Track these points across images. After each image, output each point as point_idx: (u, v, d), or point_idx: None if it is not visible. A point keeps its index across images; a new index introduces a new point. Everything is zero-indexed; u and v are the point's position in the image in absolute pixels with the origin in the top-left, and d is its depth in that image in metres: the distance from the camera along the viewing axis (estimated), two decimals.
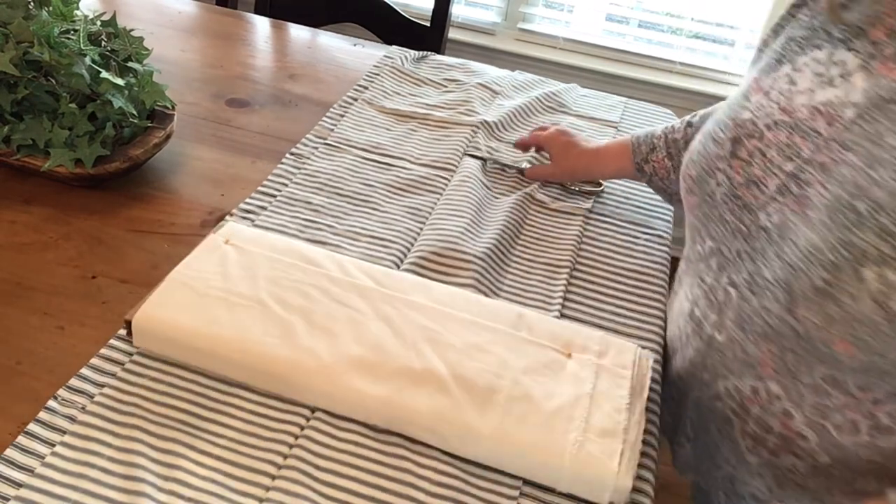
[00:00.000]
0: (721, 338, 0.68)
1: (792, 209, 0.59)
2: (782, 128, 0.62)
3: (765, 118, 0.64)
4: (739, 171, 0.65)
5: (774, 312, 0.60)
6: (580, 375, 0.69)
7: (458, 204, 0.93)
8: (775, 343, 0.62)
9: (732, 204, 0.65)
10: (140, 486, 0.58)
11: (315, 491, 0.60)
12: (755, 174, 0.63)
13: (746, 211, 0.64)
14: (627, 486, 0.61)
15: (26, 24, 0.85)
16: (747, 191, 0.64)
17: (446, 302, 0.75)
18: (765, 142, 0.63)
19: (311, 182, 0.95)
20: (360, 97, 1.14)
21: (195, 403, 0.66)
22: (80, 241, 0.83)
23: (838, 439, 0.62)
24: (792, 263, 0.57)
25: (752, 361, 0.65)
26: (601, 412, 0.66)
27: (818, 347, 0.57)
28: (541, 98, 1.18)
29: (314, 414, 0.66)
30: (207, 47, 1.26)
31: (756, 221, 0.63)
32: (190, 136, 1.02)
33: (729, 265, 0.66)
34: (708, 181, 0.68)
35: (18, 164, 0.86)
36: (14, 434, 0.62)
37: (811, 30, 0.64)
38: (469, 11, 2.05)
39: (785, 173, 0.61)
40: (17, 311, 0.73)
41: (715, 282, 0.68)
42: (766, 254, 0.61)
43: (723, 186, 0.66)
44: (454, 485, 0.62)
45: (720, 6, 1.87)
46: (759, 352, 0.64)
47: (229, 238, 0.78)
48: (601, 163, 0.95)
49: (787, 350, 0.61)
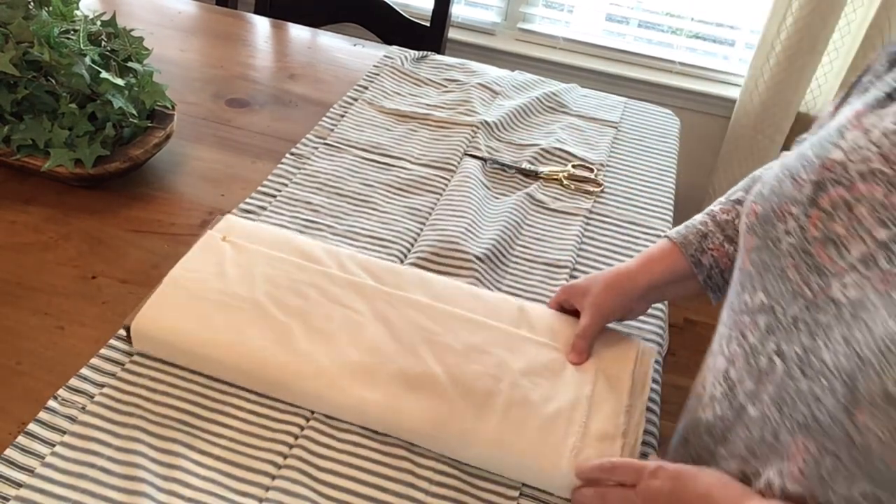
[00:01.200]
0: (753, 412, 0.57)
1: (875, 287, 0.48)
2: (880, 181, 0.50)
3: (859, 164, 0.51)
4: (817, 223, 0.53)
5: (827, 407, 0.48)
6: (580, 377, 0.68)
7: (459, 204, 0.93)
8: (816, 441, 0.50)
9: (800, 260, 0.53)
10: (140, 486, 0.58)
11: (315, 491, 0.60)
12: (836, 232, 0.51)
13: (816, 273, 0.52)
14: None
15: (26, 24, 0.85)
16: (822, 250, 0.52)
17: (446, 297, 0.74)
18: (854, 193, 0.51)
19: (311, 182, 0.95)
20: (360, 97, 1.14)
21: (195, 403, 0.66)
22: (80, 241, 0.83)
23: None
24: (861, 354, 0.46)
25: (781, 452, 0.53)
26: (600, 415, 0.65)
27: (873, 463, 0.46)
28: (541, 98, 1.18)
29: (314, 414, 0.66)
30: (207, 47, 1.26)
31: (826, 290, 0.51)
32: (190, 136, 1.02)
33: (780, 330, 0.55)
34: (776, 224, 0.56)
35: (18, 164, 0.86)
36: (14, 434, 0.62)
37: None
38: (469, 11, 2.05)
39: (875, 240, 0.49)
40: (17, 311, 0.73)
41: (759, 344, 0.57)
42: (830, 332, 0.50)
43: (793, 236, 0.54)
44: (454, 485, 0.62)
45: (720, 6, 1.87)
46: (793, 443, 0.52)
47: (227, 234, 0.78)
48: (643, 274, 0.74)
49: (829, 454, 0.49)
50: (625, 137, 1.14)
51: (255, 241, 0.78)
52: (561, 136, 1.10)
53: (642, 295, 0.74)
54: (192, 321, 0.69)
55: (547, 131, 1.11)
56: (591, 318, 0.72)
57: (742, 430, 0.58)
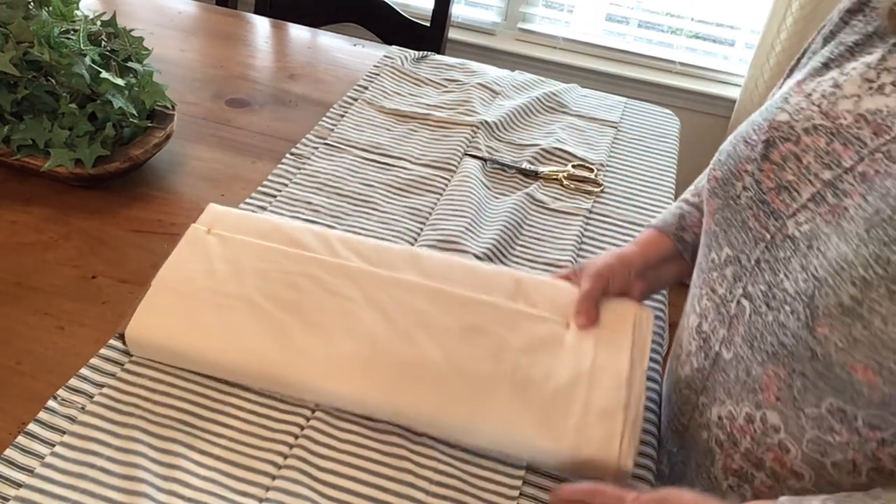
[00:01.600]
0: (727, 355, 0.63)
1: (825, 219, 0.55)
2: (822, 133, 0.58)
3: (803, 122, 0.59)
4: (770, 175, 0.60)
5: (791, 329, 0.55)
6: (579, 349, 0.68)
7: (459, 204, 0.93)
8: (785, 365, 0.56)
9: (758, 209, 0.60)
10: (140, 486, 0.58)
11: (315, 491, 0.60)
12: (787, 179, 0.58)
13: (773, 218, 0.59)
14: (629, 466, 0.62)
15: (26, 24, 0.85)
16: (777, 196, 0.59)
17: (438, 274, 0.73)
18: (801, 146, 0.58)
19: (311, 182, 0.95)
20: (360, 97, 1.14)
21: (195, 403, 0.66)
22: (80, 241, 0.83)
23: (836, 479, 0.57)
24: (818, 276, 0.53)
25: (755, 385, 0.60)
26: (601, 389, 0.65)
27: (835, 373, 0.52)
28: (541, 98, 1.18)
29: (314, 414, 0.66)
30: (207, 47, 1.26)
31: (782, 230, 0.58)
32: (190, 136, 1.02)
33: (746, 275, 0.61)
34: (734, 184, 0.63)
35: (18, 164, 0.86)
36: (14, 434, 0.62)
37: (865, 36, 0.61)
38: (469, 11, 2.05)
39: (821, 181, 0.56)
40: (17, 311, 0.73)
41: (728, 293, 0.63)
42: (789, 264, 0.56)
43: (749, 190, 0.61)
44: (454, 484, 0.62)
45: (720, 6, 1.87)
46: (764, 374, 0.59)
47: (211, 226, 0.77)
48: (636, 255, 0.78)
49: (798, 374, 0.56)
50: (625, 137, 1.14)
51: (241, 232, 0.76)
52: (561, 136, 1.10)
53: (639, 273, 0.76)
54: (185, 324, 0.68)
55: (547, 131, 1.11)
56: (593, 281, 0.73)
57: (719, 375, 0.64)
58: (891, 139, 0.53)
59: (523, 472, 0.64)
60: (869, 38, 0.61)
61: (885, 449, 0.54)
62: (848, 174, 0.55)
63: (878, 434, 0.54)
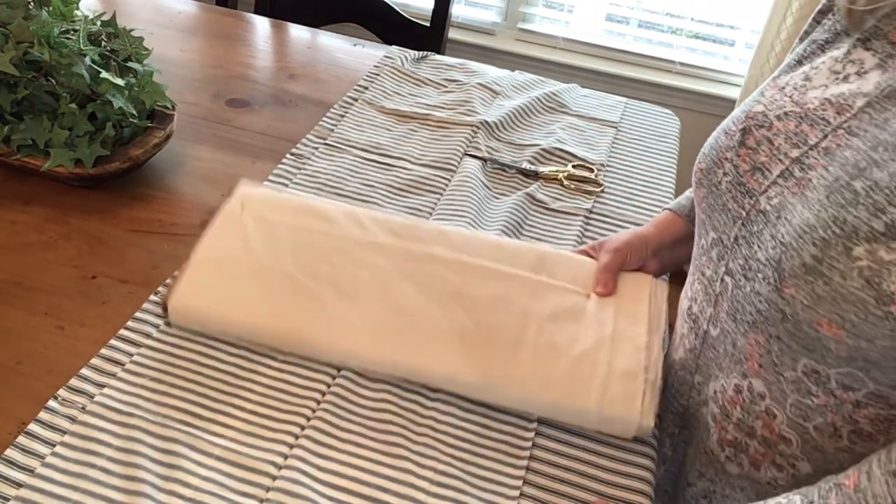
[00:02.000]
0: (715, 332, 0.67)
1: (792, 191, 0.59)
2: (792, 118, 0.62)
3: (776, 110, 0.64)
4: (746, 158, 0.64)
5: (763, 294, 0.59)
6: (600, 317, 0.73)
7: (459, 204, 0.93)
8: (763, 331, 0.61)
9: (736, 191, 0.65)
10: (140, 486, 0.58)
11: (315, 491, 0.60)
12: (760, 161, 0.63)
13: (748, 196, 0.63)
14: (650, 423, 0.66)
15: (26, 24, 0.85)
16: (751, 177, 0.63)
17: (467, 249, 0.78)
18: (773, 131, 0.63)
19: (312, 182, 0.95)
20: (361, 97, 1.14)
21: (195, 403, 0.66)
22: (80, 241, 0.83)
23: (820, 443, 0.61)
24: (784, 242, 0.57)
25: (740, 356, 0.64)
26: (622, 353, 0.70)
27: (804, 330, 0.56)
28: (541, 98, 1.18)
29: (315, 413, 0.66)
30: (207, 47, 1.26)
31: (756, 206, 0.62)
32: (190, 136, 1.02)
33: (727, 253, 0.65)
34: (716, 172, 0.67)
35: (18, 164, 0.86)
36: (14, 434, 0.62)
37: (834, 33, 0.65)
38: (469, 11, 2.05)
39: (790, 159, 0.60)
40: (17, 311, 0.73)
41: (714, 273, 0.67)
42: (761, 236, 0.61)
43: (729, 175, 0.66)
44: (454, 485, 0.62)
45: (720, 6, 1.87)
46: (747, 344, 0.63)
47: (244, 203, 0.80)
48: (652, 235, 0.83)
49: (774, 338, 0.60)
50: (625, 137, 1.14)
51: (273, 209, 0.80)
52: (561, 137, 1.10)
53: (654, 252, 0.81)
54: (226, 293, 0.72)
55: (547, 131, 1.11)
56: (612, 255, 0.79)
57: (709, 352, 0.68)
58: (851, 116, 0.58)
59: (523, 473, 0.64)
60: (837, 35, 0.65)
61: (861, 411, 0.58)
62: (813, 150, 0.59)
63: (852, 395, 0.57)
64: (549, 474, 0.65)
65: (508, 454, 0.66)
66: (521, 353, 0.69)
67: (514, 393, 0.68)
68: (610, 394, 0.67)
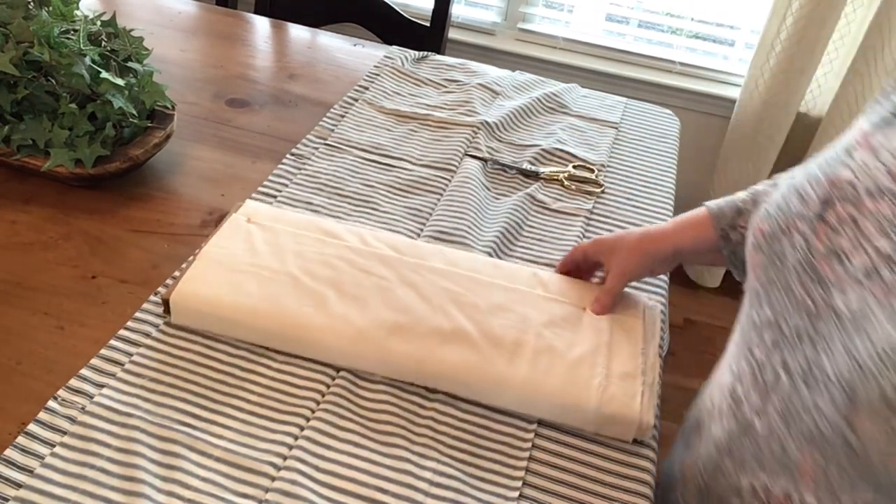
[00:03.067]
0: (760, 426, 0.58)
1: (877, 297, 0.48)
2: (887, 197, 0.50)
3: (868, 182, 0.52)
4: (823, 237, 0.53)
5: (828, 416, 0.50)
6: (597, 326, 0.75)
7: (459, 205, 0.93)
8: (822, 452, 0.51)
9: (805, 274, 0.54)
10: (140, 486, 0.58)
11: (315, 492, 0.60)
12: (841, 245, 0.52)
13: (819, 286, 0.53)
14: (650, 422, 0.67)
15: (26, 24, 0.85)
16: (826, 263, 0.52)
17: (466, 266, 0.80)
18: (862, 210, 0.51)
19: (312, 182, 0.95)
20: (361, 97, 1.14)
21: (195, 404, 0.66)
22: (80, 241, 0.83)
23: None
24: (861, 362, 0.47)
25: (791, 465, 0.55)
26: (620, 357, 0.72)
27: (874, 465, 0.47)
28: (541, 98, 1.18)
29: (314, 414, 0.66)
30: (207, 47, 1.26)
31: (828, 300, 0.52)
32: (190, 136, 1.02)
33: (785, 344, 0.56)
34: (781, 240, 0.57)
35: (18, 164, 0.86)
36: (14, 434, 0.62)
37: None
38: (469, 11, 2.05)
39: (878, 252, 0.49)
40: (17, 311, 0.73)
41: (766, 359, 0.58)
42: (831, 342, 0.51)
43: (798, 251, 0.55)
44: (453, 485, 0.62)
45: (720, 6, 1.87)
46: (800, 456, 0.54)
47: (251, 216, 0.82)
48: (671, 239, 0.77)
49: (833, 463, 0.51)
50: (625, 138, 1.14)
51: (279, 221, 0.82)
52: (561, 137, 1.10)
53: (666, 259, 0.77)
54: (229, 292, 0.72)
55: (547, 132, 1.11)
56: (618, 279, 0.77)
57: (749, 443, 0.59)
58: None
59: (523, 473, 0.64)
60: None
61: None
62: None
63: None
64: (549, 475, 0.65)
65: (508, 454, 0.66)
66: (521, 355, 0.70)
67: (512, 395, 0.68)
68: (609, 393, 0.68)
